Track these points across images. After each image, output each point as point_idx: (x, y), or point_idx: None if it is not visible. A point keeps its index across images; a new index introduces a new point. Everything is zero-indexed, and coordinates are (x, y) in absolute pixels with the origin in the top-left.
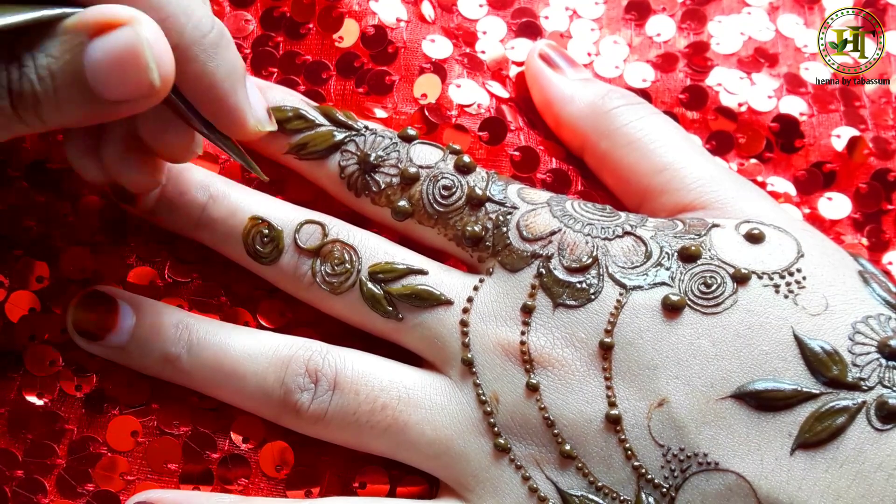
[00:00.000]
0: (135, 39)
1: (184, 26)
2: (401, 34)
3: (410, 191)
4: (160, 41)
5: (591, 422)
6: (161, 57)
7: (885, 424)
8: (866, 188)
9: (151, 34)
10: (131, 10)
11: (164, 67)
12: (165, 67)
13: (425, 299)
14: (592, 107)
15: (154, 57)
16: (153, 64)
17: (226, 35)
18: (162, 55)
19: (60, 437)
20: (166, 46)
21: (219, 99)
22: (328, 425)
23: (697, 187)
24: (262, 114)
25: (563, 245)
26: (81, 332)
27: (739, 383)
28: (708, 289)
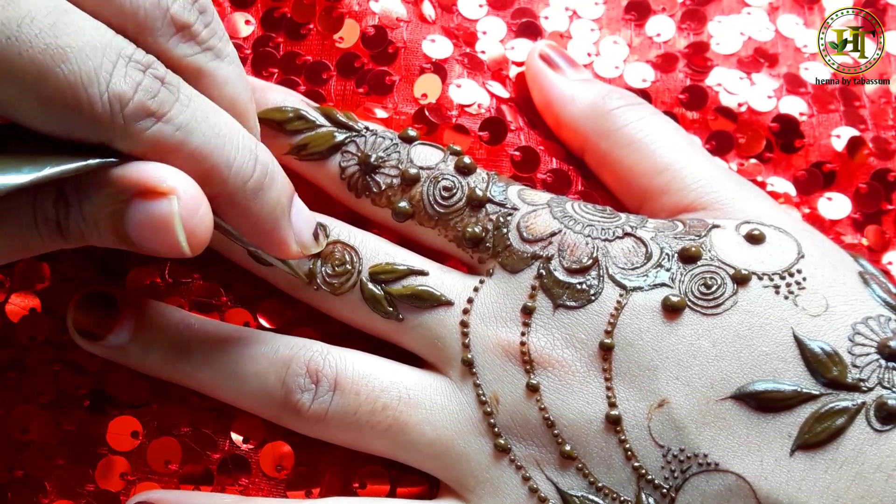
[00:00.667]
0: (170, 214)
1: (226, 177)
2: (401, 34)
3: (411, 192)
4: (198, 211)
5: (591, 422)
6: (196, 227)
7: (885, 425)
8: (866, 188)
9: (188, 207)
10: (172, 178)
11: (198, 237)
12: (199, 237)
13: (426, 300)
14: (593, 107)
15: (188, 229)
16: (183, 238)
17: (269, 171)
18: (198, 225)
19: (60, 437)
20: (204, 214)
21: (262, 234)
22: (329, 426)
23: (698, 188)
24: (307, 238)
25: (563, 246)
26: (82, 332)
27: (739, 384)
28: (708, 290)
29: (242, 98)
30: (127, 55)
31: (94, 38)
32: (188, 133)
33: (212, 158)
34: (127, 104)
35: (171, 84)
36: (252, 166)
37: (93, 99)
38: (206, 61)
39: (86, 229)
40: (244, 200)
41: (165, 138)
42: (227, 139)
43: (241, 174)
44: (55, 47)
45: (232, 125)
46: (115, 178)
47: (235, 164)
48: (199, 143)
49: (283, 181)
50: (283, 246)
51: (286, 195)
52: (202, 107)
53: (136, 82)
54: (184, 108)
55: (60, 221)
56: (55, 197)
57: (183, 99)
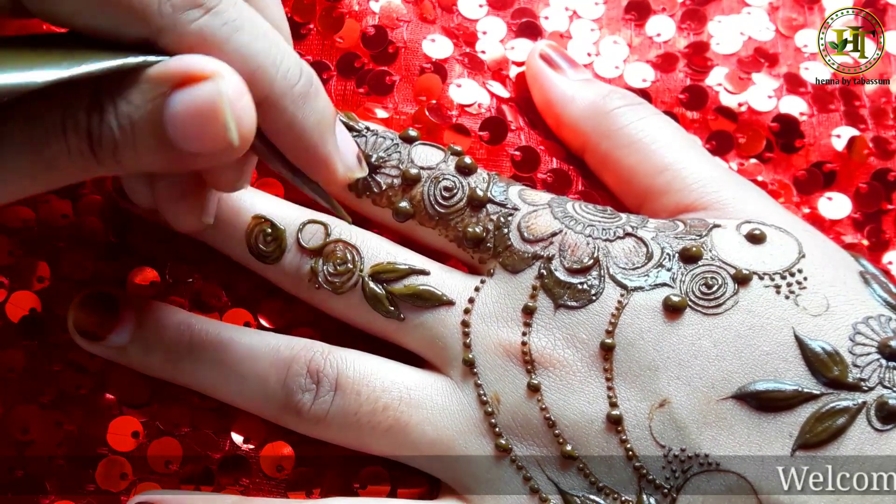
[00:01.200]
0: (216, 95)
1: (273, 78)
2: (401, 34)
3: (412, 192)
4: (243, 98)
5: (592, 422)
6: (242, 115)
7: (886, 425)
8: (866, 188)
9: (234, 90)
10: (216, 63)
11: (245, 126)
12: (246, 126)
13: (427, 299)
14: (593, 107)
15: (234, 115)
16: (232, 123)
17: (315, 82)
18: (243, 113)
19: (61, 438)
20: (249, 103)
21: (308, 149)
22: (329, 426)
23: (698, 188)
24: (351, 160)
25: (564, 246)
26: (82, 333)
27: (740, 384)
28: (709, 289)
29: (283, 23)
30: None
31: None
32: (235, 29)
33: (259, 58)
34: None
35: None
36: (298, 73)
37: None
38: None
39: (120, 138)
40: (291, 105)
41: (213, 31)
42: (274, 44)
43: (289, 78)
44: None
45: (278, 36)
46: (154, 70)
47: (283, 66)
48: (246, 40)
49: (327, 99)
50: (329, 164)
51: (331, 109)
52: (249, 10)
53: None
54: (232, 6)
55: (92, 129)
56: (88, 102)
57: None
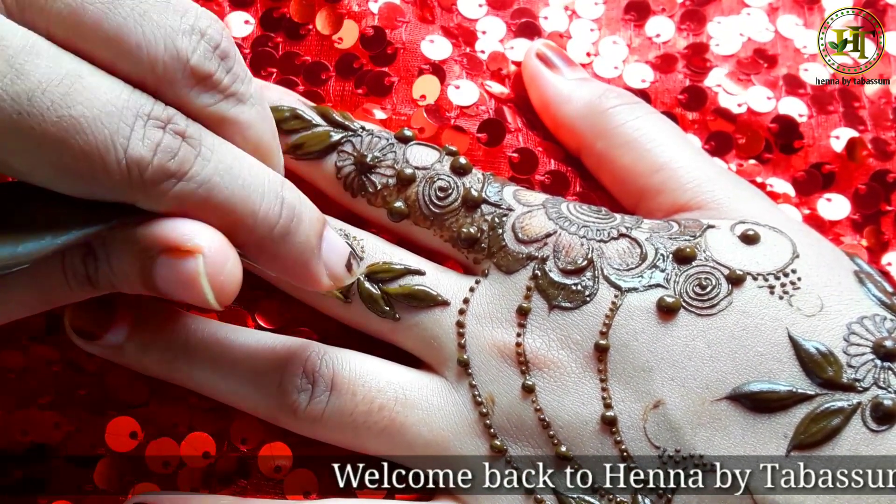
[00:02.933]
0: (195, 272)
1: (252, 228)
2: (400, 35)
3: (406, 192)
4: (225, 266)
5: (586, 423)
6: (222, 285)
7: (881, 425)
8: (865, 189)
9: (214, 265)
10: (197, 236)
11: (225, 294)
12: (226, 293)
13: (422, 300)
14: (589, 106)
15: (214, 287)
16: (211, 296)
17: (296, 213)
18: (223, 283)
19: (59, 438)
20: (232, 269)
21: (295, 274)
22: (325, 426)
23: (693, 187)
24: (339, 270)
25: (558, 247)
26: (79, 332)
27: (735, 385)
28: (703, 290)
29: (266, 138)
30: (145, 113)
31: (110, 102)
32: (211, 189)
33: (237, 211)
34: (146, 168)
35: (192, 138)
36: (278, 211)
37: (110, 167)
38: (229, 108)
39: (115, 280)
40: (272, 246)
41: (188, 196)
42: (252, 188)
43: (268, 221)
44: (69, 118)
45: (256, 171)
46: (140, 235)
47: (261, 211)
48: (223, 197)
49: (311, 218)
50: (315, 282)
51: (315, 233)
52: (225, 158)
53: (154, 143)
54: (206, 162)
55: (90, 275)
56: (83, 253)
57: (205, 153)
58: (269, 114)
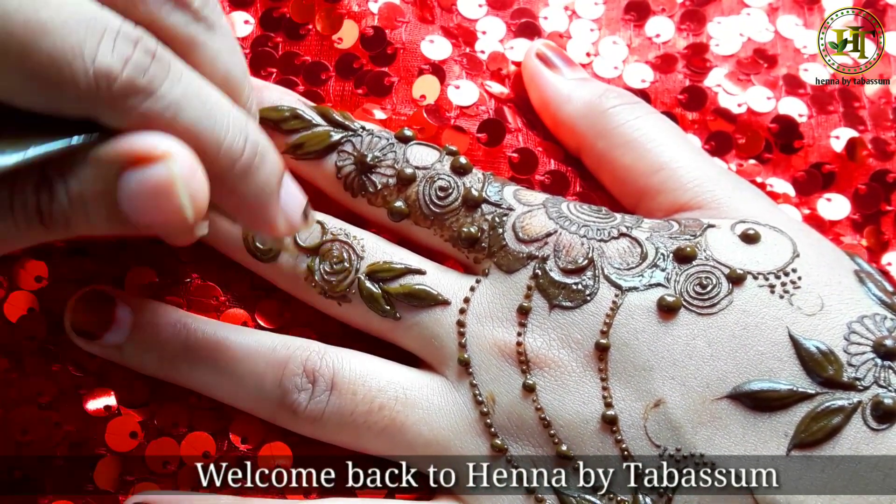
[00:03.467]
0: (169, 177)
1: (214, 158)
2: (400, 35)
3: (407, 192)
4: (195, 174)
5: (587, 422)
6: (196, 190)
7: (881, 424)
8: (865, 189)
9: (186, 169)
10: (166, 142)
11: (199, 201)
12: (200, 201)
13: (422, 299)
14: (589, 106)
15: (188, 193)
16: (186, 201)
17: (259, 151)
18: (196, 190)
19: (59, 438)
20: (201, 178)
21: (248, 213)
22: (325, 426)
23: (694, 187)
24: (295, 217)
25: (558, 246)
26: (79, 332)
27: (735, 384)
28: (703, 289)
29: (236, 70)
30: (114, 28)
31: (77, 13)
32: (179, 110)
33: (201, 137)
34: (115, 81)
35: (162, 58)
36: (242, 146)
37: (77, 75)
38: (199, 32)
39: (72, 214)
40: (232, 181)
41: (155, 115)
42: (218, 118)
43: (231, 154)
44: (35, 21)
45: (223, 103)
46: (104, 151)
47: (225, 143)
48: (189, 121)
49: (273, 160)
50: (270, 225)
51: (275, 175)
52: (193, 82)
53: (124, 57)
54: (174, 83)
55: (42, 207)
56: (36, 181)
57: (174, 74)
58: (239, 49)
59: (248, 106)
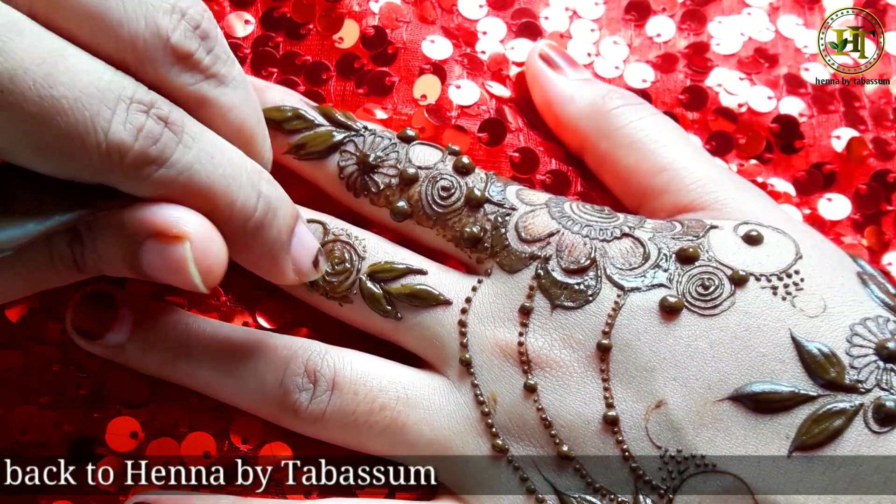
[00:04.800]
0: (183, 257)
1: (228, 218)
2: (400, 35)
3: (409, 191)
4: (210, 251)
5: (588, 423)
6: (210, 268)
7: (883, 427)
8: (866, 189)
9: (201, 249)
10: (184, 222)
11: (212, 277)
12: (213, 276)
13: (424, 299)
14: (592, 107)
15: (201, 270)
16: (198, 279)
17: (272, 208)
18: (211, 266)
19: (60, 438)
20: (218, 252)
21: (261, 266)
22: (327, 425)
23: (697, 188)
24: (306, 265)
25: (561, 246)
26: (80, 331)
27: (737, 385)
28: (706, 290)
29: (249, 122)
30: (128, 96)
31: (92, 84)
32: (192, 176)
33: (215, 200)
34: (127, 153)
35: (175, 123)
36: (254, 203)
37: (90, 149)
38: (209, 89)
39: (101, 264)
40: (244, 238)
41: (169, 183)
42: (231, 178)
43: (244, 213)
44: (50, 99)
45: (236, 161)
46: (127, 220)
47: (238, 202)
48: (203, 185)
49: (285, 213)
50: (279, 275)
51: (287, 228)
52: (206, 146)
53: (136, 128)
54: (187, 150)
55: (76, 259)
56: (70, 237)
57: (186, 140)
58: (253, 98)
59: (262, 154)
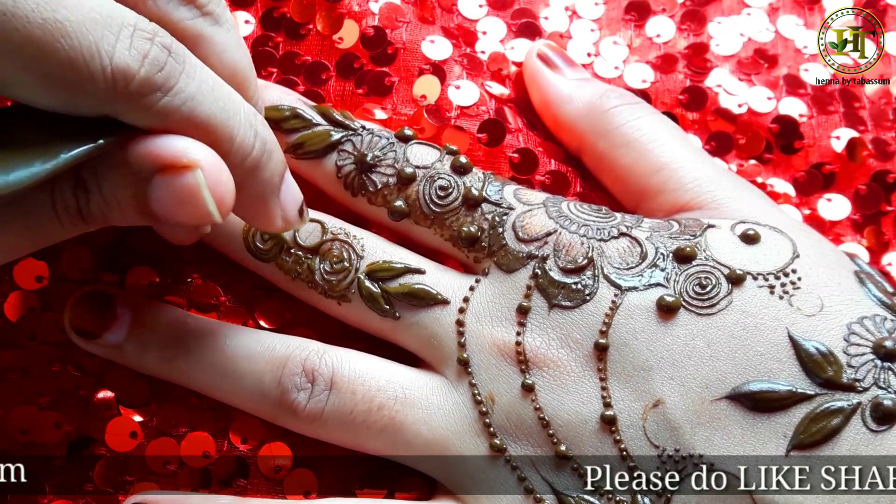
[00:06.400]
0: (196, 186)
1: (227, 152)
2: (400, 35)
3: (407, 191)
4: (222, 176)
5: (586, 422)
6: (222, 195)
7: (881, 426)
8: (866, 189)
9: (212, 176)
10: (193, 149)
11: (226, 203)
12: (227, 203)
13: (422, 298)
14: (590, 106)
15: (215, 197)
16: (213, 206)
17: (267, 148)
18: (223, 193)
19: (60, 438)
20: (228, 180)
21: (250, 206)
22: (325, 425)
23: (694, 187)
24: (292, 213)
25: (558, 246)
26: (78, 331)
27: (734, 384)
28: (703, 290)
29: (242, 66)
30: (130, 24)
31: (94, 10)
32: (195, 105)
33: (216, 132)
34: (133, 79)
35: (178, 53)
36: (252, 143)
37: (95, 74)
38: (206, 26)
39: (108, 211)
40: (241, 176)
41: (173, 111)
42: (232, 113)
43: (243, 149)
44: (53, 21)
45: (234, 97)
46: (133, 156)
47: (238, 138)
48: (205, 116)
49: (278, 157)
50: (269, 221)
51: (279, 174)
52: (207, 77)
53: (141, 54)
54: (190, 80)
55: (81, 208)
56: (73, 184)
57: (189, 69)
58: (244, 45)
59: (255, 101)
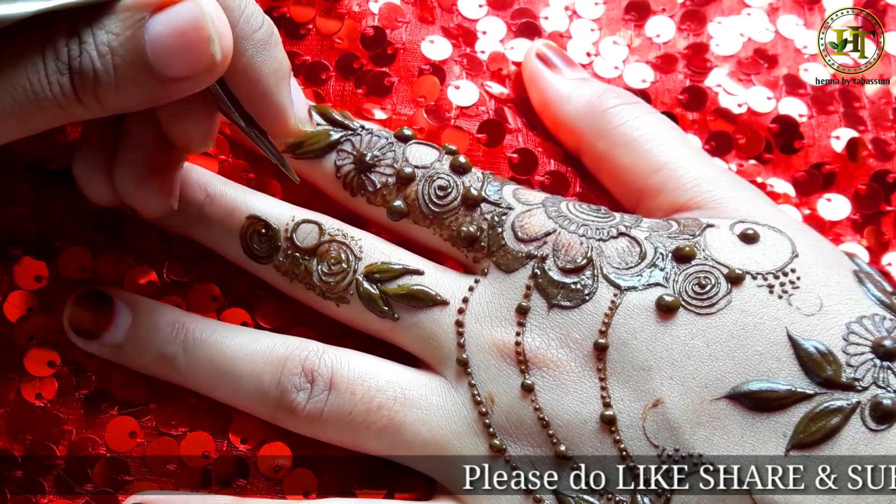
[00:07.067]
0: (197, 12)
1: (236, 20)
2: (400, 35)
3: (406, 191)
4: (221, 14)
5: (586, 423)
6: (222, 30)
7: (880, 425)
8: (865, 189)
9: (213, 7)
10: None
11: (225, 41)
12: (226, 41)
13: (421, 299)
14: (589, 106)
15: (216, 29)
16: (215, 36)
17: (275, 33)
18: (223, 28)
19: (59, 438)
20: (225, 20)
21: (263, 95)
22: (324, 425)
23: (693, 187)
24: (303, 113)
25: (557, 246)
26: (77, 331)
27: (734, 384)
28: (702, 289)
29: None
30: None
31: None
32: None
33: None
34: None
35: None
36: (260, 20)
37: None
38: None
39: (101, 69)
40: (251, 49)
41: None
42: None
43: (251, 22)
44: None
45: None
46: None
47: (246, 10)
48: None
49: (285, 56)
50: (282, 113)
51: (288, 63)
52: None
53: None
54: None
55: (72, 60)
56: (67, 33)
57: None
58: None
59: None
